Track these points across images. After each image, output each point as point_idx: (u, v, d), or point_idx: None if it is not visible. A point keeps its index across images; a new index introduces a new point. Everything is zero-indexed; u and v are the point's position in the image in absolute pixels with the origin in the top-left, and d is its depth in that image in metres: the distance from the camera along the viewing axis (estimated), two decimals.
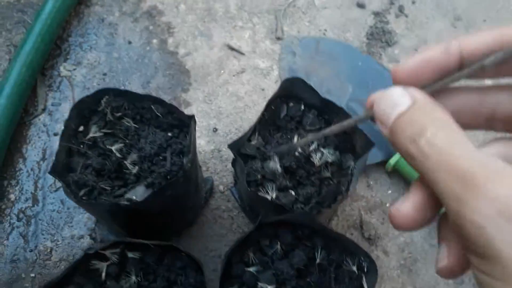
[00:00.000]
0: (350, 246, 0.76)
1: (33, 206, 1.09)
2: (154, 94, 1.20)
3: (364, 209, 1.14)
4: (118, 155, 0.84)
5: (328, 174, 0.84)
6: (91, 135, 0.86)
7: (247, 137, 0.85)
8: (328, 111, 0.87)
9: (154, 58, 1.27)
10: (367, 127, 0.81)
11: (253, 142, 0.87)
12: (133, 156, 0.85)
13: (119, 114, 0.88)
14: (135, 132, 0.88)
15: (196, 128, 1.19)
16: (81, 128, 0.87)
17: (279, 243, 0.78)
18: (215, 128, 1.20)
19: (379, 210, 1.14)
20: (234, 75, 1.25)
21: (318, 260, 0.77)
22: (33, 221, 1.07)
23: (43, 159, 1.14)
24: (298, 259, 0.76)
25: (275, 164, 0.83)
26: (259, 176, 0.84)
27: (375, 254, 1.08)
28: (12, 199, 1.10)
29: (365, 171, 1.18)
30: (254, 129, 0.87)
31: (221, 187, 1.14)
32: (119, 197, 0.82)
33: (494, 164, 0.25)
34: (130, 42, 1.29)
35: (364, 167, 0.82)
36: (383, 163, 1.17)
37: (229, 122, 1.20)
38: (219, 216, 1.11)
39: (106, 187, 0.83)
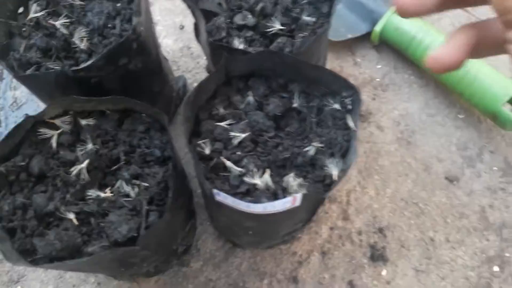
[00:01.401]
0: (330, 81, 0.67)
1: None
2: None
3: None
4: (64, 31, 0.75)
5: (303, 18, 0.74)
6: (32, 15, 0.76)
7: None
8: None
9: None
10: None
11: None
12: (81, 32, 0.75)
13: None
14: (81, 8, 0.79)
15: (161, 27, 1.10)
16: (21, 10, 0.78)
17: (251, 94, 0.69)
18: (181, 25, 1.10)
19: (369, 86, 1.05)
20: None
21: (295, 105, 0.68)
22: None
23: (1, 78, 1.06)
24: (273, 107, 0.68)
25: (245, 15, 0.74)
26: (223, 34, 0.75)
27: (368, 131, 1.00)
28: None
29: (350, 46, 1.08)
30: None
31: (195, 85, 1.05)
32: None
33: None
34: None
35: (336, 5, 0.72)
36: (368, 38, 1.07)
37: None
38: None
39: (55, 67, 0.74)
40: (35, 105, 1.02)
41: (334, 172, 0.60)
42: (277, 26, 0.74)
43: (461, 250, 0.88)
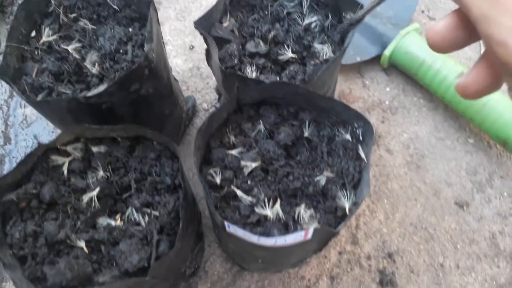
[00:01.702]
0: (341, 112, 0.67)
1: (5, 144, 1.01)
2: None
3: (361, 110, 1.05)
4: (75, 55, 0.76)
5: (315, 47, 0.74)
6: (44, 39, 0.77)
7: (217, 15, 0.76)
8: None
9: None
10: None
11: (225, 24, 0.78)
12: (93, 56, 0.76)
13: (74, 15, 0.79)
14: (93, 32, 0.79)
15: (171, 47, 1.11)
16: (33, 34, 0.79)
17: (262, 123, 0.69)
18: (191, 45, 1.11)
19: (378, 109, 1.05)
20: None
21: (306, 134, 0.68)
22: (6, 159, 1.00)
23: (11, 96, 1.06)
24: (284, 136, 0.67)
25: (257, 43, 0.75)
26: (235, 61, 0.75)
27: (378, 154, 1.00)
28: None
29: (359, 68, 1.08)
30: (224, 11, 0.78)
31: (204, 105, 1.06)
32: None
33: None
34: None
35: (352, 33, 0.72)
36: (378, 61, 1.07)
37: None
38: None
39: (66, 91, 0.74)
40: (44, 123, 1.03)
41: (347, 205, 0.59)
42: (289, 53, 0.75)
43: (471, 277, 0.87)
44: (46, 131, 1.01)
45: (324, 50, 0.76)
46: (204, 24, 0.74)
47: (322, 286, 0.86)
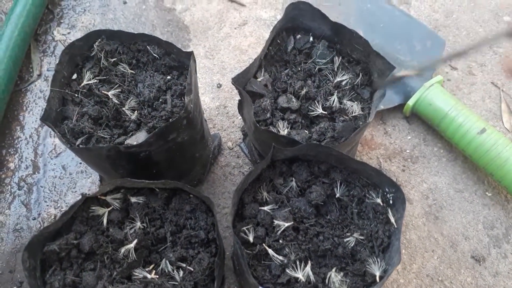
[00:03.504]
0: (373, 175, 0.69)
1: (33, 173, 1.04)
2: None
3: (383, 157, 1.07)
4: (115, 101, 0.78)
5: (347, 106, 0.77)
6: (85, 82, 0.80)
7: (252, 71, 0.79)
8: (339, 39, 0.80)
9: (151, 16, 1.21)
10: None
11: (260, 79, 0.80)
12: (132, 102, 0.79)
13: (114, 59, 0.82)
14: (132, 77, 0.82)
15: (200, 85, 1.13)
16: (75, 76, 0.82)
17: (294, 180, 0.71)
18: (219, 84, 1.14)
19: (398, 157, 1.07)
20: (235, 28, 1.18)
21: (337, 195, 0.70)
22: (34, 188, 1.02)
23: (42, 125, 1.09)
24: (315, 195, 0.70)
25: (290, 98, 0.77)
26: (268, 115, 0.77)
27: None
28: (11, 168, 1.05)
29: (381, 115, 1.11)
30: (259, 65, 0.81)
31: (229, 144, 1.08)
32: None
33: None
34: (125, 2, 1.22)
35: (382, 97, 0.74)
36: (400, 109, 1.10)
37: None
38: (229, 172, 1.05)
39: (105, 136, 0.77)
40: (73, 154, 1.05)
41: (377, 272, 0.61)
42: (319, 109, 0.77)
43: None
44: (74, 161, 1.04)
45: (354, 108, 0.78)
46: (241, 80, 0.76)
47: None
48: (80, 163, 1.04)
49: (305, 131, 0.78)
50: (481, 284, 0.93)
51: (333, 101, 0.77)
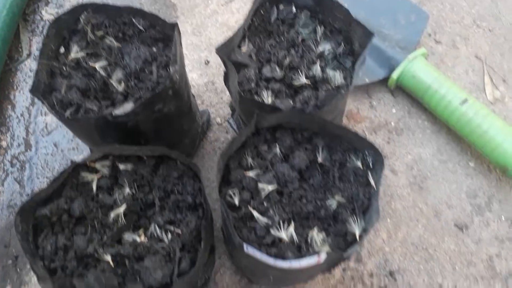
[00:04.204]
0: (354, 140, 0.71)
1: (26, 151, 1.05)
2: None
3: (368, 130, 1.09)
4: (102, 73, 0.80)
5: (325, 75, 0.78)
6: (73, 55, 0.81)
7: (236, 41, 0.80)
8: (321, 8, 0.82)
9: None
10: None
11: (244, 50, 0.82)
12: (118, 74, 0.80)
13: (100, 33, 0.83)
14: (119, 50, 0.83)
15: (187, 62, 1.15)
16: (62, 50, 0.83)
17: (278, 146, 0.73)
18: (206, 60, 1.15)
19: (384, 129, 1.09)
20: (222, 5, 1.19)
21: (319, 160, 0.72)
22: (27, 165, 1.04)
23: (32, 104, 1.10)
24: (299, 160, 0.72)
25: (273, 68, 0.79)
26: (252, 85, 0.79)
27: (383, 174, 1.03)
28: (4, 146, 1.06)
29: (367, 89, 1.13)
30: (243, 36, 0.82)
31: (218, 119, 1.10)
32: None
33: None
34: None
35: (362, 64, 0.76)
36: (385, 82, 1.12)
37: None
38: (218, 147, 1.07)
39: (93, 107, 0.78)
40: (64, 131, 1.06)
41: (357, 231, 0.64)
42: (302, 79, 0.79)
43: None
44: (65, 139, 1.05)
45: (336, 77, 0.80)
46: (225, 50, 0.78)
47: None
48: (72, 140, 1.05)
49: (289, 100, 0.80)
50: (464, 251, 0.96)
51: (316, 70, 0.79)
